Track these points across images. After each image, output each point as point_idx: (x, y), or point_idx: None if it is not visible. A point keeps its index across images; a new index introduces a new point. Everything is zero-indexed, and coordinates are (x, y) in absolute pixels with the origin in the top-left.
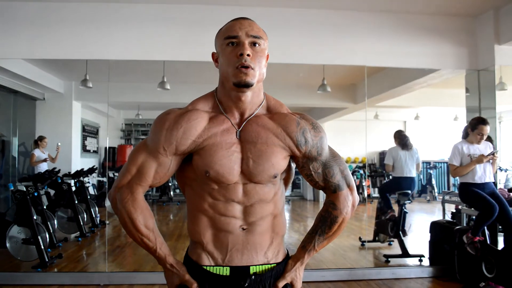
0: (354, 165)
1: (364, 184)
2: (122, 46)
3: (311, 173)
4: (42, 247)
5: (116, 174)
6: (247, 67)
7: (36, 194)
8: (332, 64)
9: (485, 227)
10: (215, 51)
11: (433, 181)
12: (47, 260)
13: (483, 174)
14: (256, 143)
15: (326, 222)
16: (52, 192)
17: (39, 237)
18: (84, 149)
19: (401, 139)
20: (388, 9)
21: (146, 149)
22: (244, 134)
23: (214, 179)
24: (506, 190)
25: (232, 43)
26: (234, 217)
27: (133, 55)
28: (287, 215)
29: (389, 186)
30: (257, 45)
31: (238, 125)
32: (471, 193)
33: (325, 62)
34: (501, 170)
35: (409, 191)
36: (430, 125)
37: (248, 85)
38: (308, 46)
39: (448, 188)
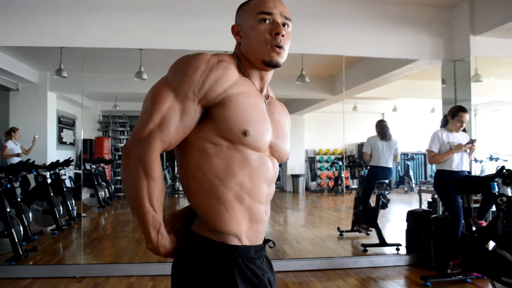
0: (333, 157)
1: (342, 175)
2: (97, 33)
3: None
4: (16, 240)
5: (94, 166)
6: (280, 47)
7: (9, 186)
8: (310, 53)
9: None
10: (236, 24)
11: (411, 172)
12: (21, 253)
13: (460, 162)
14: (280, 121)
15: None
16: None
17: (12, 230)
18: (60, 141)
19: (381, 128)
20: None
21: (172, 91)
22: (270, 108)
23: (252, 142)
24: None
25: (265, 20)
26: (261, 203)
27: (109, 43)
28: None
29: (368, 179)
30: (286, 26)
31: (265, 97)
32: (445, 187)
33: (303, 51)
34: (477, 161)
35: (386, 181)
36: (407, 117)
37: (278, 66)
38: None
39: (425, 179)
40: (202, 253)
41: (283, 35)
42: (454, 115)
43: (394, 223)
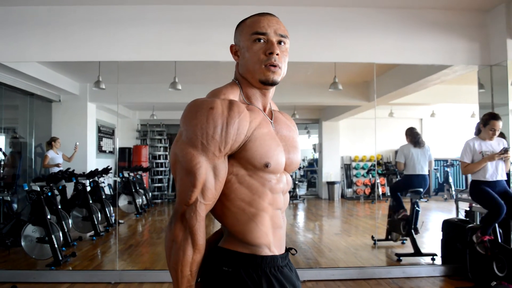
0: (369, 164)
1: (377, 181)
2: (132, 47)
3: None
4: (56, 245)
5: (131, 174)
6: (275, 65)
7: (50, 194)
8: (341, 61)
9: (497, 225)
10: (234, 44)
11: (450, 179)
12: (60, 258)
13: (494, 171)
14: (288, 135)
15: None
16: (68, 192)
17: (53, 236)
18: (100, 149)
19: (413, 136)
20: (398, 5)
21: (202, 153)
22: (277, 126)
23: (273, 170)
24: None
25: (259, 39)
26: (281, 210)
27: (144, 56)
28: (301, 214)
29: (401, 185)
30: (282, 43)
31: (269, 117)
32: (480, 191)
33: (334, 60)
34: None
35: (421, 189)
36: (446, 123)
37: (274, 84)
38: (317, 44)
39: (466, 186)
40: (230, 265)
41: (277, 54)
42: (486, 123)
43: (431, 232)
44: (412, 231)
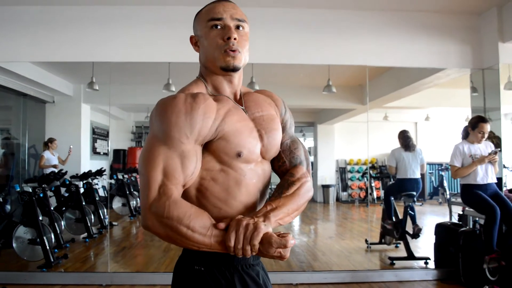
0: (364, 167)
1: (372, 185)
2: (126, 48)
3: (282, 141)
4: (48, 247)
5: (126, 176)
6: (234, 50)
7: (42, 195)
8: (333, 64)
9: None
10: (194, 34)
11: (445, 183)
12: (52, 260)
13: (485, 175)
14: (262, 116)
15: (283, 186)
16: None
17: (44, 238)
18: (94, 151)
19: (404, 139)
20: (390, 7)
21: (163, 144)
22: (248, 110)
23: (247, 159)
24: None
25: (216, 26)
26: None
27: (137, 57)
28: (296, 218)
29: (394, 189)
30: (241, 28)
31: (239, 104)
32: (472, 195)
33: (326, 62)
34: None
35: (414, 193)
36: (441, 126)
37: (236, 69)
38: (309, 46)
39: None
40: (202, 264)
41: (235, 38)
42: (474, 126)
43: (425, 236)
44: (407, 236)
